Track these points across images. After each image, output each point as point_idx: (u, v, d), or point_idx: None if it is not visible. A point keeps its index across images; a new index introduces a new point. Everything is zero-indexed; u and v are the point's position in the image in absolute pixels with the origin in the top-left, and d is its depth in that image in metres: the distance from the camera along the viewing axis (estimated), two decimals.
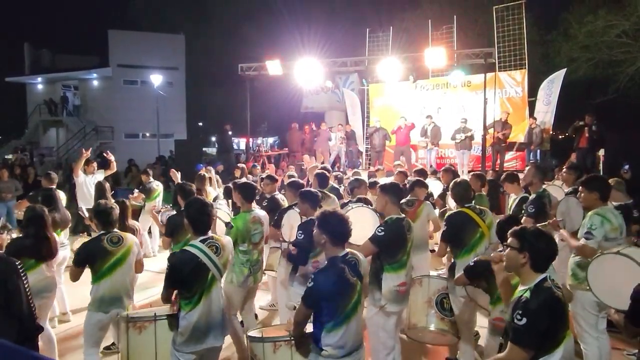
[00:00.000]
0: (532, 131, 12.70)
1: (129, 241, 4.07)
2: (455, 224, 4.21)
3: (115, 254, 3.93)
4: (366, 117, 16.45)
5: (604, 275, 3.49)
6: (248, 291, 4.56)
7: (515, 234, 2.59)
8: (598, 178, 4.38)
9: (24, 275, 2.96)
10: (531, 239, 2.51)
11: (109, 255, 3.91)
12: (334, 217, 2.98)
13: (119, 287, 3.94)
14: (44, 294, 4.21)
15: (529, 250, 2.50)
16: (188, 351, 3.18)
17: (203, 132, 39.16)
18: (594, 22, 18.88)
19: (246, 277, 4.38)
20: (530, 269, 2.50)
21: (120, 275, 3.95)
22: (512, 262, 2.57)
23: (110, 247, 3.93)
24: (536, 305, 2.36)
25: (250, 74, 14.56)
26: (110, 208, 4.13)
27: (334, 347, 2.85)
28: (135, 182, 15.38)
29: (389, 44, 16.42)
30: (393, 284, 3.76)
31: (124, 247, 3.99)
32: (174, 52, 31.39)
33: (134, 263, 4.10)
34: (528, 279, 2.51)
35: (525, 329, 2.34)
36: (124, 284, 3.99)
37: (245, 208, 4.54)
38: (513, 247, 2.56)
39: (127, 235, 4.14)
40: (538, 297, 2.40)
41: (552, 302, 2.41)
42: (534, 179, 5.32)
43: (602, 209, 4.01)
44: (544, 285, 2.45)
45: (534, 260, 2.50)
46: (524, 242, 2.52)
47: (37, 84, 32.02)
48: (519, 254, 2.52)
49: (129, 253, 4.02)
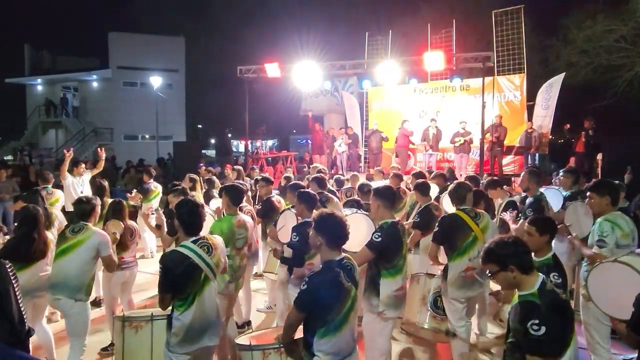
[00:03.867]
0: (529, 135, 12.72)
1: (88, 233, 4.02)
2: (447, 226, 4.18)
3: (69, 241, 3.96)
4: (365, 120, 16.48)
5: (603, 284, 3.42)
6: (229, 298, 4.39)
7: (487, 260, 2.52)
8: (608, 183, 4.25)
9: (14, 277, 2.94)
10: (503, 251, 2.46)
11: (63, 241, 3.97)
12: (332, 218, 2.87)
13: (61, 273, 3.92)
14: (38, 292, 4.21)
15: (511, 262, 2.43)
16: (182, 352, 3.15)
17: (202, 135, 39.22)
18: (593, 27, 18.92)
19: (227, 284, 4.22)
20: (522, 275, 2.44)
21: (64, 262, 3.92)
22: (507, 283, 2.50)
23: (68, 235, 3.99)
24: (550, 310, 2.31)
25: (249, 76, 14.57)
26: (88, 201, 4.15)
27: (327, 353, 2.76)
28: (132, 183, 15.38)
29: (388, 47, 16.45)
30: (391, 290, 3.70)
31: (78, 236, 3.97)
32: (174, 55, 31.47)
33: (89, 256, 4.00)
34: (526, 284, 2.44)
35: (546, 338, 2.25)
36: (67, 271, 3.91)
37: (231, 211, 4.45)
38: (496, 272, 2.49)
39: (90, 228, 4.07)
40: (547, 300, 2.34)
41: (562, 305, 2.38)
42: (530, 183, 5.30)
43: (612, 214, 3.93)
44: (547, 288, 2.41)
45: (520, 267, 2.43)
46: (501, 259, 2.46)
47: (36, 85, 32.04)
48: (506, 272, 2.45)
49: (81, 243, 3.96)
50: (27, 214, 4.26)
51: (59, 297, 3.93)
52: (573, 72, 19.02)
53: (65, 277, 3.92)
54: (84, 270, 3.99)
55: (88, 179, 7.83)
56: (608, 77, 19.93)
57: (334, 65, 14.16)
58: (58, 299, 3.95)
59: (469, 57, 12.93)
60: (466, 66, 13.26)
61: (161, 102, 26.12)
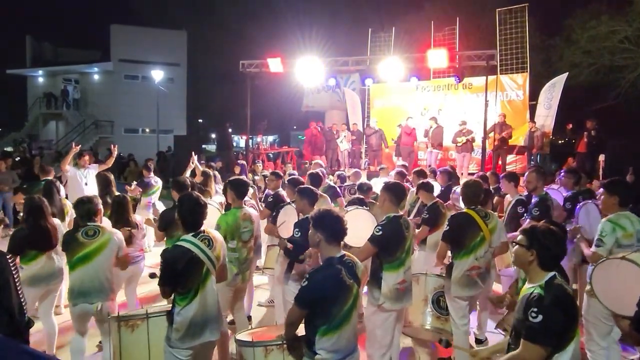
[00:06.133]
0: (532, 135, 12.67)
1: (106, 235, 3.98)
2: (457, 225, 4.17)
3: (87, 247, 3.87)
4: (367, 117, 16.44)
5: (608, 281, 3.44)
6: (236, 290, 4.43)
7: (524, 232, 2.60)
8: (620, 182, 4.25)
9: (14, 268, 2.93)
10: (540, 237, 2.51)
11: (80, 247, 3.86)
12: (329, 215, 2.93)
13: (87, 281, 3.86)
14: (48, 282, 4.27)
15: (537, 248, 2.50)
16: (184, 347, 3.13)
17: (203, 129, 39.18)
18: (597, 27, 18.85)
19: (234, 276, 4.25)
20: (537, 267, 2.50)
21: (91, 269, 3.86)
22: (520, 259, 2.58)
23: (82, 239, 3.88)
24: (551, 302, 2.35)
25: (251, 70, 14.52)
26: (90, 200, 4.10)
27: (328, 352, 2.76)
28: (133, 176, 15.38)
29: (391, 44, 16.39)
30: (393, 282, 3.74)
31: (98, 240, 3.91)
32: (176, 48, 31.41)
33: (111, 258, 4.00)
34: (536, 277, 2.50)
35: (542, 326, 2.31)
36: (94, 278, 3.87)
37: (236, 204, 4.45)
38: (521, 245, 2.56)
39: (106, 229, 4.05)
40: (551, 293, 2.39)
41: (566, 299, 2.40)
42: (538, 183, 5.28)
43: (616, 215, 3.94)
44: (555, 282, 2.45)
45: (541, 259, 2.50)
46: (533, 240, 2.52)
47: (37, 77, 31.97)
48: (527, 251, 2.52)
49: (103, 247, 3.93)
50: (33, 204, 4.30)
51: (95, 302, 3.88)
52: (576, 72, 18.97)
53: (99, 283, 3.90)
54: (111, 271, 4.03)
55: (94, 173, 7.78)
56: (611, 78, 19.89)
57: (337, 61, 14.11)
58: (97, 306, 3.88)
59: (472, 55, 12.89)
60: (469, 64, 13.22)
61: (162, 96, 26.07)
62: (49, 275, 4.27)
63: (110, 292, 4.01)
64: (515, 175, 5.93)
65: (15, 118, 31.94)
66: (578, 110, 17.33)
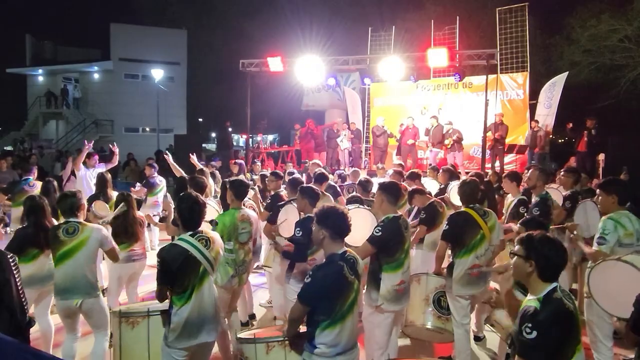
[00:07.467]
0: (535, 134, 12.64)
1: (86, 232, 3.96)
2: (457, 223, 4.17)
3: (67, 244, 3.86)
4: (367, 116, 16.42)
5: (605, 281, 3.43)
6: (233, 293, 4.38)
7: (521, 241, 2.46)
8: (617, 181, 4.26)
9: (15, 268, 2.93)
10: (538, 246, 2.38)
11: (60, 244, 3.87)
12: (334, 212, 2.94)
13: (68, 278, 3.87)
14: (42, 283, 4.25)
15: (535, 259, 2.36)
16: (180, 347, 3.13)
17: (203, 128, 39.13)
18: (597, 26, 18.83)
19: (230, 278, 4.20)
20: (538, 278, 2.37)
21: (71, 266, 3.86)
22: (518, 271, 2.44)
23: (63, 237, 3.88)
24: (546, 318, 2.24)
25: (251, 70, 14.51)
26: (73, 194, 4.10)
27: (328, 346, 2.80)
28: (133, 175, 15.36)
29: (391, 43, 16.37)
30: (392, 284, 3.73)
31: (77, 238, 3.90)
32: (176, 47, 31.34)
33: (92, 255, 3.99)
34: (537, 288, 2.37)
35: (535, 343, 2.20)
36: (74, 275, 3.87)
37: (235, 205, 4.41)
38: (519, 255, 2.43)
39: (86, 226, 4.01)
40: (548, 308, 2.27)
41: (563, 315, 2.28)
42: (539, 182, 5.27)
43: (617, 213, 3.94)
44: (554, 296, 2.32)
45: (541, 269, 2.36)
46: (530, 250, 2.39)
47: (37, 76, 31.90)
48: (525, 262, 2.39)
49: (82, 245, 3.91)
50: (33, 203, 4.31)
51: (76, 299, 3.88)
52: (576, 71, 18.95)
53: (76, 280, 3.89)
54: (91, 267, 4.01)
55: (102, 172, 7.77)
56: (611, 76, 19.86)
57: (337, 60, 14.10)
58: (77, 302, 3.89)
59: (472, 54, 12.87)
60: (469, 63, 13.20)
61: (162, 95, 26.02)
62: (44, 277, 4.23)
63: (92, 288, 3.97)
64: (517, 175, 5.91)
65: (15, 117, 31.89)
66: (578, 109, 17.30)
